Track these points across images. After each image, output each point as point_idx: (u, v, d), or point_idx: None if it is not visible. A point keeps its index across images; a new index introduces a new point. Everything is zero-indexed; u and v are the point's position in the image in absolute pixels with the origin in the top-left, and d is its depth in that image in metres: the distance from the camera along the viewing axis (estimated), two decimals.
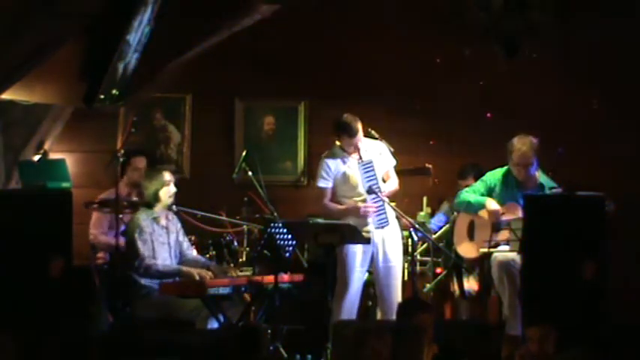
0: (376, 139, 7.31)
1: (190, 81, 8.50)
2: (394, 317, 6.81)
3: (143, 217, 6.79)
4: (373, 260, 6.95)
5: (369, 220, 6.91)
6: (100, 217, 7.54)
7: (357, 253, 6.88)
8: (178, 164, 8.69)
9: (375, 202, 6.91)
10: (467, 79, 8.44)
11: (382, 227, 6.93)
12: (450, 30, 8.35)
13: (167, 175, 6.92)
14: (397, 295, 6.96)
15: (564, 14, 8.22)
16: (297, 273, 7.01)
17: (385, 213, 6.94)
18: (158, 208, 6.86)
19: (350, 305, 6.89)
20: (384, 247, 6.93)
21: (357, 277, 6.92)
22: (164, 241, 6.81)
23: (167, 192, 6.87)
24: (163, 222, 6.86)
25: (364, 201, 6.95)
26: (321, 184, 7.08)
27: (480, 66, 8.37)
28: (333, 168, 7.04)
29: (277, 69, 8.61)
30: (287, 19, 7.84)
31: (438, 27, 8.39)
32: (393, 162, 7.21)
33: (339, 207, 7.02)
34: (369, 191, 6.86)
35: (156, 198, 6.85)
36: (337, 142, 7.06)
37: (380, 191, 6.88)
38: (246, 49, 8.40)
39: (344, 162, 7.03)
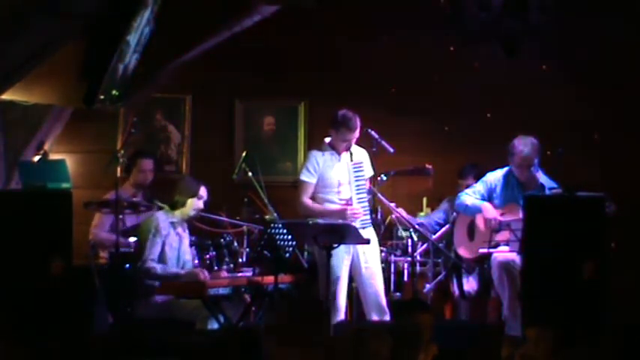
0: (376, 138, 7.31)
1: (190, 81, 8.50)
2: (379, 317, 6.84)
3: (162, 219, 6.78)
4: (353, 262, 6.93)
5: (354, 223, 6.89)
6: (102, 218, 7.54)
7: (340, 253, 6.86)
8: (178, 164, 8.69)
9: (362, 204, 6.90)
10: (467, 79, 8.44)
11: (364, 228, 6.89)
12: (450, 30, 8.35)
13: (203, 191, 6.91)
14: (381, 295, 6.94)
15: (564, 15, 8.23)
16: (297, 273, 7.01)
17: (368, 214, 6.93)
18: (178, 214, 6.86)
19: (339, 304, 6.88)
20: (364, 249, 6.91)
21: (343, 276, 6.90)
22: (175, 248, 6.81)
23: (194, 204, 6.86)
24: (179, 229, 6.86)
25: (346, 201, 6.92)
26: (305, 177, 7.00)
27: (480, 66, 8.37)
28: (320, 163, 6.99)
29: (277, 69, 8.61)
30: (287, 19, 7.84)
31: (439, 27, 8.39)
32: (372, 173, 7.18)
33: (323, 207, 6.96)
34: (369, 192, 6.87)
35: (183, 203, 6.84)
36: (326, 139, 7.04)
37: (373, 193, 6.89)
38: (246, 49, 8.40)
39: (332, 159, 7.00)
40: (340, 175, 6.96)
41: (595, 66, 8.31)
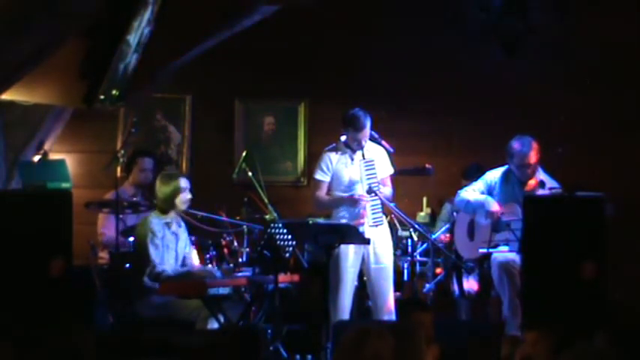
0: (376, 139, 7.30)
1: (190, 81, 8.50)
2: (386, 317, 6.85)
3: (155, 222, 6.74)
4: (364, 261, 6.93)
5: (364, 220, 6.89)
6: (106, 218, 7.52)
7: (348, 253, 6.86)
8: (178, 164, 8.69)
9: (372, 201, 6.90)
10: (467, 79, 8.45)
11: (376, 226, 6.90)
12: (450, 30, 8.36)
13: (183, 182, 6.81)
14: (389, 296, 6.94)
15: (564, 14, 8.24)
16: (297, 273, 7.01)
17: (380, 212, 6.93)
18: (171, 214, 6.84)
19: (343, 305, 6.88)
20: (375, 249, 6.90)
21: (349, 277, 6.91)
22: (172, 247, 6.80)
23: (182, 199, 6.82)
24: (174, 228, 6.84)
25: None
26: (318, 176, 7.03)
27: (481, 66, 8.38)
28: (334, 162, 6.99)
29: (277, 69, 8.62)
30: (287, 19, 7.84)
31: (439, 27, 8.40)
32: (391, 170, 7.15)
33: (333, 198, 6.98)
34: (369, 191, 6.85)
35: (170, 205, 6.82)
36: (342, 138, 7.03)
37: (379, 190, 6.86)
38: (246, 49, 8.40)
39: (346, 158, 7.00)
40: (352, 174, 6.96)
41: (595, 65, 8.32)
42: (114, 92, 7.01)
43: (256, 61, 8.59)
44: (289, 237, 6.58)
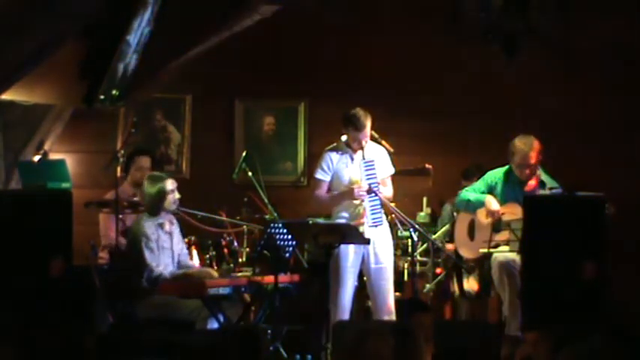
0: (376, 139, 7.30)
1: (190, 81, 8.50)
2: (386, 317, 6.85)
3: (148, 225, 6.74)
4: (364, 261, 6.93)
5: (364, 220, 6.89)
6: (107, 220, 7.50)
7: (348, 253, 6.87)
8: (178, 164, 8.69)
9: (372, 201, 6.90)
10: (467, 79, 8.44)
11: (376, 226, 6.91)
12: (450, 30, 8.36)
13: (169, 184, 6.84)
14: (389, 296, 6.94)
15: (564, 14, 8.23)
16: (297, 273, 7.01)
17: (380, 212, 6.93)
18: (162, 214, 6.84)
19: (343, 305, 6.88)
20: (375, 249, 6.90)
21: (349, 277, 6.91)
22: (168, 247, 6.80)
23: (170, 200, 6.84)
24: (167, 227, 6.84)
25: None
26: (319, 175, 7.03)
27: (481, 66, 8.37)
28: (335, 162, 6.99)
29: (277, 69, 8.61)
30: (287, 19, 7.84)
31: (438, 27, 8.39)
32: (392, 170, 7.16)
33: (332, 194, 6.97)
34: (369, 191, 6.85)
35: (158, 207, 6.81)
36: (342, 138, 7.02)
37: (379, 191, 6.86)
38: (246, 49, 8.40)
39: (346, 158, 7.00)
40: (353, 173, 6.96)
41: (595, 65, 8.32)
42: (114, 92, 7.02)
43: (256, 61, 8.59)
44: (289, 237, 6.59)
